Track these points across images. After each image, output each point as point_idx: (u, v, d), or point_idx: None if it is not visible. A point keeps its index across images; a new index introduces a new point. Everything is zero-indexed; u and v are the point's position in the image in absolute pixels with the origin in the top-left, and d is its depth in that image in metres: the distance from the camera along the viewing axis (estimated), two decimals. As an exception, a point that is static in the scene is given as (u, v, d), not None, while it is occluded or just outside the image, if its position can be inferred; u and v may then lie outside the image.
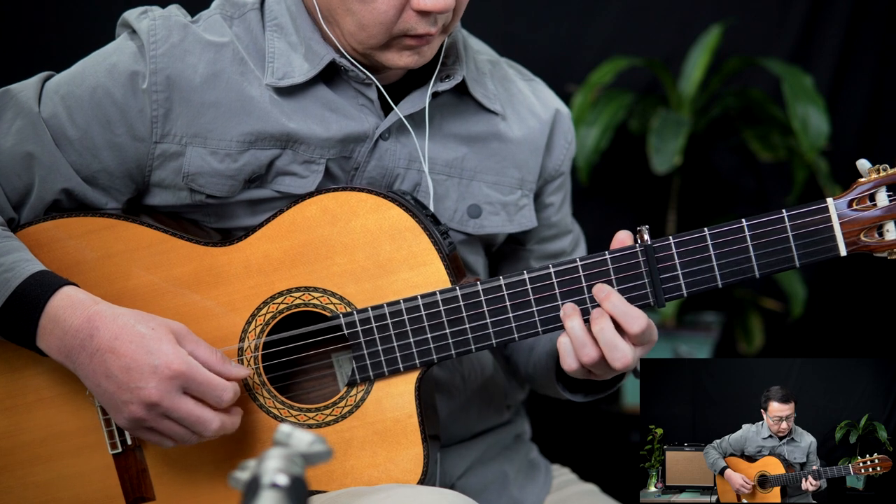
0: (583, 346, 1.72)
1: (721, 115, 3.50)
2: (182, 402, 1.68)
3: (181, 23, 1.84)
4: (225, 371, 1.72)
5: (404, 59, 1.82)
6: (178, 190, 1.85)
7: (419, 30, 1.78)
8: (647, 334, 1.72)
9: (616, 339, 1.70)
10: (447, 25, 1.82)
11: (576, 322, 1.73)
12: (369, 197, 1.78)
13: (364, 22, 1.78)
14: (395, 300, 1.77)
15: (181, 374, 1.67)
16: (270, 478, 1.13)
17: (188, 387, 1.68)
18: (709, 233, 1.72)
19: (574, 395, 1.92)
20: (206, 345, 1.73)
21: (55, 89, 1.84)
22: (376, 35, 1.79)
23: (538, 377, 2.02)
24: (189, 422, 1.69)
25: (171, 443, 1.73)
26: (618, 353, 1.70)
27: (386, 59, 1.82)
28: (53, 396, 1.82)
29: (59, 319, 1.70)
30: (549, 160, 2.02)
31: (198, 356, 1.71)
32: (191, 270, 1.81)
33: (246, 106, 1.82)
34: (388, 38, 1.79)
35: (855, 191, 1.71)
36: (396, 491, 1.72)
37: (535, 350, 2.03)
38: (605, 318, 1.71)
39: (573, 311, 1.73)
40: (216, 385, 1.69)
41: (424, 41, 1.80)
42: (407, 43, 1.80)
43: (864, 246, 1.71)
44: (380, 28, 1.78)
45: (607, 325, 1.70)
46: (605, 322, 1.71)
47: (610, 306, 1.71)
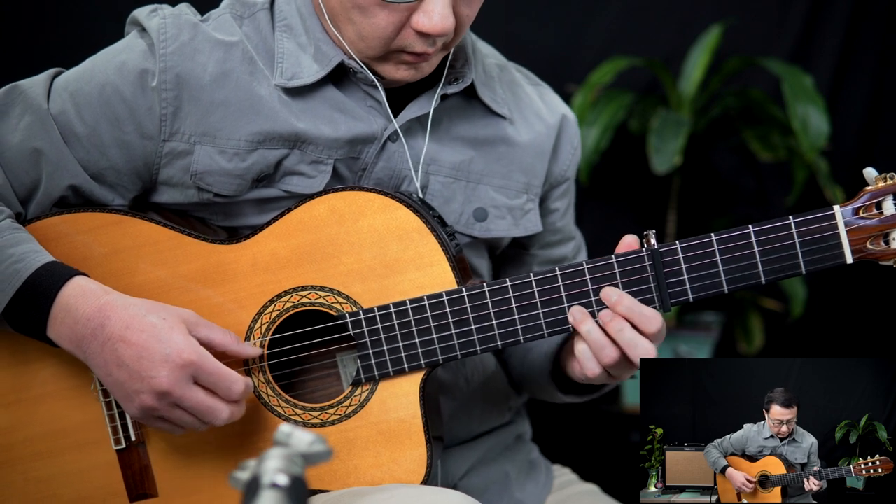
0: (602, 348, 1.73)
1: (721, 115, 3.50)
2: (193, 391, 1.69)
3: (191, 21, 1.84)
4: (239, 350, 1.75)
5: (400, 73, 1.82)
6: (185, 188, 1.85)
7: (417, 48, 1.78)
8: (662, 331, 1.75)
9: (636, 337, 1.72)
10: (448, 44, 1.82)
11: (591, 325, 1.74)
12: (377, 197, 1.79)
13: (363, 33, 1.78)
14: (401, 300, 1.77)
15: (192, 363, 1.68)
16: (270, 478, 1.13)
17: (198, 376, 1.69)
18: (715, 238, 1.72)
19: (567, 395, 1.93)
20: (220, 328, 1.74)
21: (64, 86, 1.84)
22: (374, 48, 1.79)
23: (532, 380, 2.03)
24: (199, 411, 1.70)
25: (181, 430, 1.74)
26: (640, 349, 1.72)
27: (383, 70, 1.83)
28: (57, 392, 1.83)
29: (71, 309, 1.70)
30: (556, 165, 2.03)
31: (212, 339, 1.72)
32: (198, 267, 1.81)
33: (255, 105, 1.82)
34: (385, 52, 1.80)
35: (861, 198, 1.71)
36: (399, 491, 1.72)
37: (529, 354, 2.03)
38: (620, 317, 1.73)
39: (584, 316, 1.74)
40: (226, 376, 1.70)
41: (422, 59, 1.81)
42: (404, 59, 1.80)
43: (870, 254, 1.71)
44: (378, 42, 1.78)
45: (626, 324, 1.72)
46: (622, 321, 1.72)
47: (624, 309, 1.72)
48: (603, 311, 1.74)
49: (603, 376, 1.77)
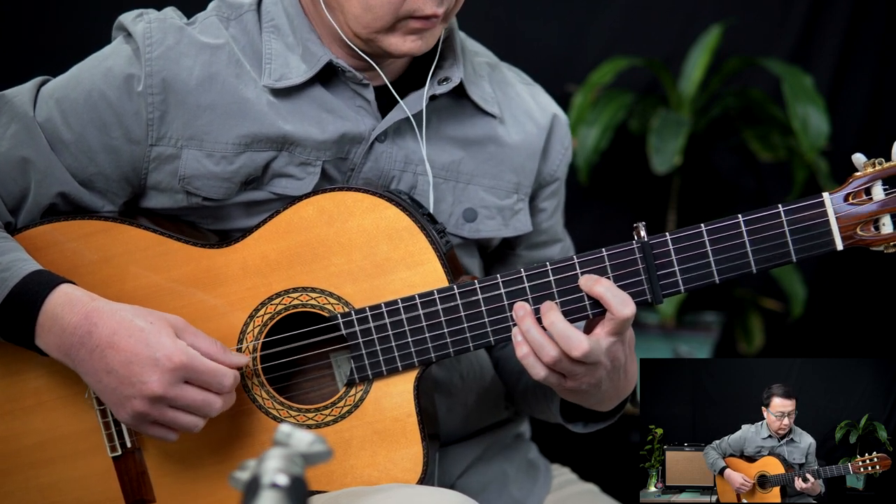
0: (541, 347, 1.70)
1: (721, 115, 3.50)
2: (185, 390, 1.69)
3: (176, 25, 1.84)
4: (226, 360, 1.74)
5: (408, 45, 1.81)
6: (174, 192, 1.85)
7: (426, 10, 1.77)
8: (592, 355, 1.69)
9: (569, 329, 1.68)
10: (449, 11, 1.82)
11: (529, 323, 1.71)
12: (366, 197, 1.78)
13: (371, 3, 1.78)
14: (393, 300, 1.77)
15: (183, 365, 1.68)
16: (270, 478, 1.13)
17: (190, 377, 1.69)
18: (705, 228, 1.71)
19: (574, 425, 1.91)
20: (205, 336, 1.74)
21: (50, 93, 1.84)
22: (383, 17, 1.78)
23: (529, 404, 2.02)
24: (195, 408, 1.70)
25: (175, 435, 1.74)
26: (573, 342, 1.67)
27: (390, 43, 1.81)
28: (52, 400, 1.83)
29: (58, 317, 1.70)
30: (546, 165, 2.02)
31: (198, 347, 1.72)
32: (188, 272, 1.81)
33: (242, 108, 1.82)
34: (394, 20, 1.79)
35: (851, 185, 1.71)
36: (396, 490, 1.72)
37: (522, 378, 2.01)
38: (555, 310, 1.70)
39: (526, 313, 1.72)
40: (217, 372, 1.70)
41: (430, 24, 1.80)
42: (412, 26, 1.79)
43: (860, 240, 1.70)
44: (387, 9, 1.77)
45: (557, 318, 1.69)
46: (555, 315, 1.69)
47: (549, 325, 1.70)
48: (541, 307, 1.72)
49: (553, 381, 1.72)
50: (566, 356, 1.68)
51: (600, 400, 1.78)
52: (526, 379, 2.00)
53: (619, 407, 1.84)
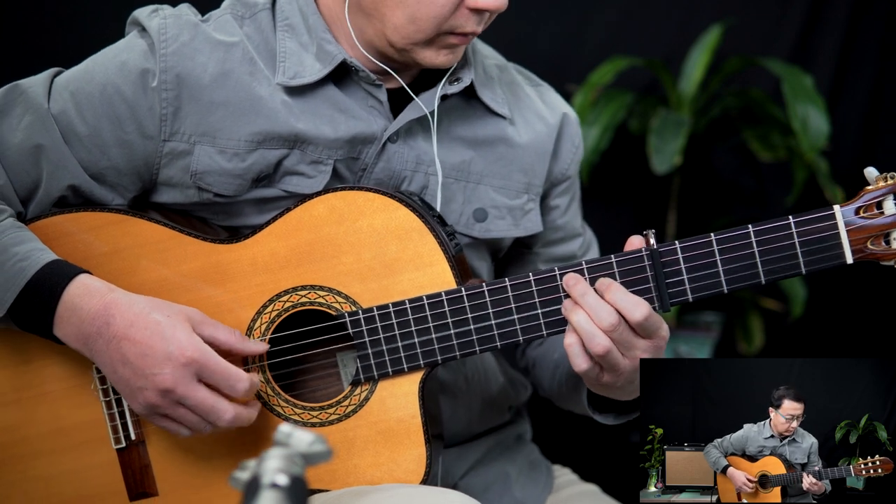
0: (592, 336, 1.70)
1: (721, 115, 3.50)
2: (196, 389, 1.69)
3: (191, 21, 1.85)
4: (244, 348, 1.75)
5: (441, 58, 1.83)
6: (185, 188, 1.85)
7: (467, 28, 1.79)
8: (650, 322, 1.70)
9: (629, 294, 1.69)
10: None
11: (581, 315, 1.71)
12: (377, 197, 1.79)
13: (417, 15, 1.78)
14: (401, 300, 1.77)
15: (195, 360, 1.68)
16: (270, 478, 1.13)
17: (202, 374, 1.69)
18: (715, 238, 1.72)
19: (605, 416, 1.91)
20: (224, 326, 1.75)
21: (65, 85, 1.84)
22: (425, 30, 1.79)
23: (563, 397, 2.02)
24: (202, 410, 1.70)
25: (187, 431, 1.74)
26: (634, 304, 1.68)
27: (424, 56, 1.83)
28: (58, 391, 1.83)
29: (76, 307, 1.71)
30: (556, 164, 2.03)
31: (217, 337, 1.73)
32: (198, 267, 1.81)
33: (255, 106, 1.82)
34: (435, 34, 1.80)
35: (862, 198, 1.71)
36: (399, 491, 1.73)
37: (559, 369, 2.01)
38: (614, 282, 1.71)
39: (578, 280, 1.72)
40: (230, 374, 1.70)
41: (467, 40, 1.82)
42: (450, 41, 1.81)
43: (870, 254, 1.71)
44: (432, 23, 1.78)
45: (616, 286, 1.70)
46: (615, 284, 1.70)
47: (611, 297, 1.70)
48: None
49: (592, 374, 1.73)
50: (626, 321, 1.69)
51: (631, 393, 1.79)
52: (560, 374, 1.99)
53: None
